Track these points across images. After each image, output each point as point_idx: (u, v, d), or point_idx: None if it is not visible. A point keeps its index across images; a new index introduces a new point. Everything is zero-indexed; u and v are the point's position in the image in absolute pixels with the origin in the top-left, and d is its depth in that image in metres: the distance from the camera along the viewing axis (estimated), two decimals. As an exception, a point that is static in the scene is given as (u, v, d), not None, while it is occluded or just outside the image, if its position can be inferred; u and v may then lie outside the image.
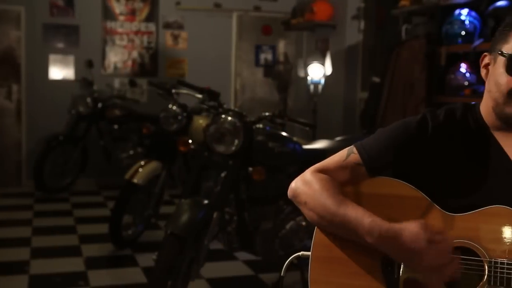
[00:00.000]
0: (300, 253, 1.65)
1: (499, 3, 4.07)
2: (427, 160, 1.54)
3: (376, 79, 5.32)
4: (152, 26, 7.39)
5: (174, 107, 4.71)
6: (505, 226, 1.43)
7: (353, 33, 6.50)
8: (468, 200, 1.48)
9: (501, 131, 1.53)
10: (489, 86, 1.52)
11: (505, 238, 1.42)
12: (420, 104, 4.69)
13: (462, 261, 1.44)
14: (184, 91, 4.81)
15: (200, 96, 4.24)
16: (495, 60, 1.50)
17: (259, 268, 4.31)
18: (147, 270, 4.19)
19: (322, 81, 6.53)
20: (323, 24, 6.80)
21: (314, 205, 1.56)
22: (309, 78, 6.58)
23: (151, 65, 7.42)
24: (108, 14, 7.23)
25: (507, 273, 1.38)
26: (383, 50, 5.81)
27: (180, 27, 7.46)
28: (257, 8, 7.65)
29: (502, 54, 1.47)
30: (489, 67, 1.53)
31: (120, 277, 4.19)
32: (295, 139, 3.92)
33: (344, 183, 1.58)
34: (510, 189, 1.50)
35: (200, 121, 4.81)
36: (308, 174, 1.61)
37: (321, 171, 1.61)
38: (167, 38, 7.44)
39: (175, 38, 7.46)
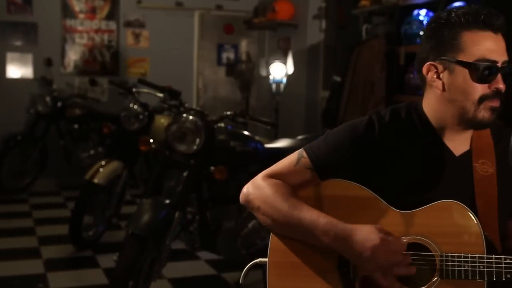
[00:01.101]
0: (257, 260, 1.66)
1: (456, 4, 4.15)
2: (376, 161, 1.58)
3: (337, 78, 5.37)
4: (112, 25, 7.30)
5: (135, 106, 4.67)
6: (454, 220, 1.48)
7: (314, 32, 6.54)
8: (418, 197, 1.53)
9: (445, 129, 1.57)
10: (451, 95, 1.52)
11: (454, 231, 1.47)
12: (380, 103, 4.76)
13: (414, 257, 1.47)
14: (145, 90, 4.77)
15: (161, 95, 4.21)
16: (450, 69, 1.50)
17: (222, 268, 4.31)
18: (108, 271, 4.15)
19: (284, 80, 6.56)
20: (285, 24, 6.82)
21: (267, 209, 1.57)
22: (271, 77, 6.60)
23: (112, 63, 7.34)
24: (67, 11, 7.12)
25: (458, 266, 1.43)
26: (344, 49, 5.86)
27: (142, 25, 7.39)
28: (219, 7, 7.64)
29: (462, 63, 1.47)
30: (442, 75, 1.52)
31: (80, 278, 4.13)
32: (257, 138, 3.93)
33: (295, 187, 1.60)
34: (456, 183, 1.56)
35: (162, 121, 4.78)
36: (259, 179, 1.63)
37: (272, 176, 1.62)
38: (128, 36, 7.36)
39: (136, 36, 7.39)
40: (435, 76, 1.53)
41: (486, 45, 1.47)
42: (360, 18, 5.59)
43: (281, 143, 4.04)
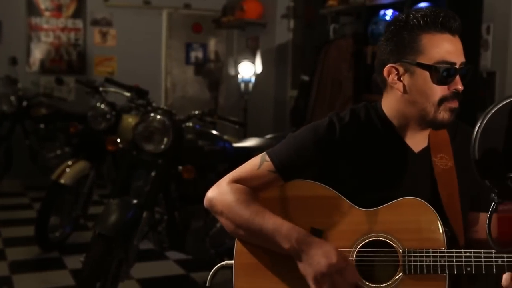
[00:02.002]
0: (224, 263, 1.68)
1: (421, 5, 4.21)
2: (338, 161, 1.60)
3: (305, 77, 5.41)
4: (79, 23, 7.21)
5: (103, 106, 4.63)
6: (416, 216, 1.51)
7: (283, 31, 6.57)
8: (380, 195, 1.55)
9: (405, 128, 1.61)
10: (412, 97, 1.55)
11: (416, 228, 1.50)
12: (348, 102, 4.80)
13: (378, 253, 1.49)
14: (112, 89, 4.73)
15: (128, 94, 4.18)
16: (410, 71, 1.53)
17: (190, 267, 4.29)
18: (75, 272, 4.10)
19: (253, 79, 6.57)
20: (253, 23, 6.83)
21: (230, 215, 1.58)
22: (239, 76, 6.60)
23: (79, 62, 7.25)
24: (32, 9, 7.01)
25: (420, 261, 1.46)
26: (312, 48, 5.91)
27: (109, 24, 7.32)
28: (187, 6, 7.61)
29: (422, 66, 1.50)
30: (403, 77, 1.55)
31: (46, 280, 4.07)
32: (225, 137, 3.94)
33: (259, 190, 1.62)
34: (417, 178, 1.60)
35: (130, 120, 4.75)
36: (223, 184, 1.63)
37: (236, 181, 1.63)
38: (95, 35, 7.29)
39: (104, 35, 7.31)
40: (396, 78, 1.56)
41: (444, 48, 1.50)
42: (327, 18, 5.64)
43: (250, 142, 4.05)
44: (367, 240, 1.52)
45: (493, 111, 1.34)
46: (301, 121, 5.25)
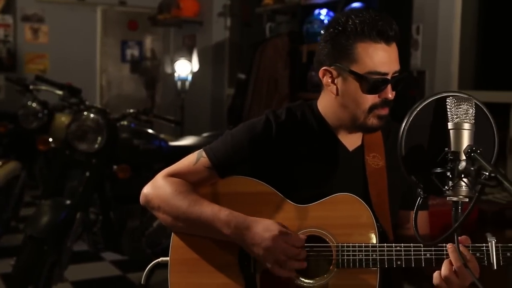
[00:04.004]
0: (159, 259, 1.67)
1: (354, 5, 4.30)
2: (275, 158, 1.62)
3: (242, 76, 5.42)
4: (9, 19, 6.98)
5: (34, 104, 4.49)
6: (349, 212, 1.55)
7: (219, 30, 6.57)
8: (315, 191, 1.58)
9: (339, 128, 1.65)
10: (344, 101, 1.58)
11: (349, 223, 1.55)
12: (284, 100, 4.85)
13: (312, 248, 1.52)
14: (44, 87, 4.60)
15: (60, 92, 4.08)
16: (344, 76, 1.55)
17: (127, 268, 4.24)
18: (6, 276, 3.97)
19: (190, 77, 6.54)
20: (189, 21, 6.81)
21: (168, 208, 1.58)
22: (176, 74, 6.56)
23: (9, 59, 7.02)
24: (-41, 4, 6.74)
25: (353, 255, 1.50)
26: (249, 47, 5.93)
27: (40, 20, 7.12)
28: (122, 3, 7.50)
29: (354, 74, 1.52)
30: (337, 81, 1.57)
31: (-24, 285, 3.93)
32: (162, 136, 3.90)
33: (195, 185, 1.62)
34: (350, 176, 1.64)
35: (63, 119, 4.63)
36: (159, 178, 1.64)
37: (172, 175, 1.63)
38: (26, 31, 7.07)
39: (35, 32, 7.11)
40: (330, 80, 1.59)
41: (378, 58, 1.51)
42: (264, 17, 5.68)
43: (186, 140, 4.03)
44: (302, 236, 1.54)
45: (418, 109, 1.38)
46: (238, 119, 5.26)
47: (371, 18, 1.51)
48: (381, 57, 1.51)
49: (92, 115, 3.31)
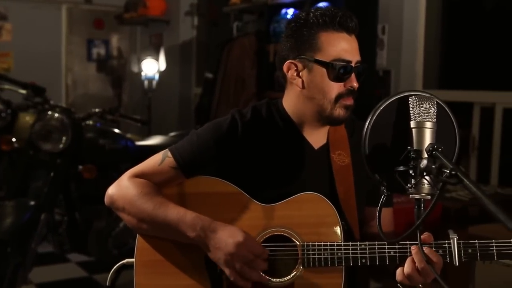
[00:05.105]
0: (125, 261, 1.65)
1: (320, 4, 4.32)
2: (241, 157, 1.62)
3: (209, 75, 5.41)
4: (-29, 16, 6.84)
5: (-4, 104, 4.41)
6: (314, 211, 1.56)
7: (186, 29, 6.54)
8: (281, 190, 1.59)
9: (305, 124, 1.65)
10: (310, 93, 1.59)
11: (314, 222, 1.55)
12: (251, 99, 4.86)
13: (278, 248, 1.52)
14: (7, 86, 4.51)
15: (24, 92, 4.00)
16: (309, 67, 1.57)
17: (93, 269, 4.20)
18: (-31, 279, 3.89)
19: (157, 76, 6.50)
20: (156, 19, 6.76)
21: (133, 210, 1.57)
22: (143, 73, 6.51)
23: (-29, 58, 6.88)
24: None
25: (318, 254, 1.50)
26: (216, 46, 5.92)
27: (3, 18, 6.98)
28: (88, 1, 7.40)
29: (319, 62, 1.55)
30: (302, 73, 1.59)
31: None
32: (128, 135, 3.88)
33: (160, 185, 1.61)
34: (316, 174, 1.64)
35: (27, 118, 4.54)
36: (124, 179, 1.62)
37: (137, 176, 1.62)
38: (-12, 29, 6.93)
39: (-2, 29, 6.97)
40: (295, 74, 1.60)
41: (341, 46, 1.55)
42: (231, 16, 5.67)
43: (153, 140, 4.00)
44: (268, 235, 1.54)
45: (381, 108, 1.39)
46: (205, 118, 5.25)
47: (331, 11, 1.57)
48: (344, 45, 1.55)
49: (56, 115, 3.28)
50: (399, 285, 1.46)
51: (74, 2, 7.34)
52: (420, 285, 1.44)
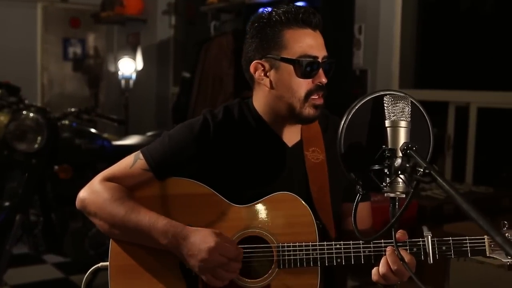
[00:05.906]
0: (99, 264, 1.63)
1: (298, 4, 4.34)
2: (214, 158, 1.61)
3: (187, 74, 5.40)
4: None
5: (-30, 103, 4.35)
6: (288, 211, 1.55)
7: (164, 28, 6.51)
8: (256, 190, 1.58)
9: (277, 123, 1.64)
10: (278, 92, 1.58)
11: (289, 222, 1.54)
12: (229, 99, 4.85)
13: (253, 249, 1.52)
14: (-20, 86, 4.46)
15: (-3, 91, 3.96)
16: (276, 66, 1.56)
17: (70, 270, 4.17)
18: None
19: (134, 76, 6.46)
20: (133, 18, 6.72)
21: (104, 215, 1.55)
22: (120, 73, 6.47)
23: None
24: None
25: (293, 255, 1.50)
26: (194, 45, 5.91)
27: (-23, 16, 6.88)
28: (64, 0, 7.33)
29: (286, 60, 1.54)
30: (269, 73, 1.58)
31: None
32: (105, 135, 3.85)
33: (133, 188, 1.59)
34: (291, 173, 1.63)
35: (1, 118, 4.48)
36: (96, 183, 1.60)
37: (109, 179, 1.60)
38: (-39, 27, 6.82)
39: (-29, 28, 6.87)
40: (263, 74, 1.59)
41: (306, 42, 1.54)
42: (208, 15, 5.66)
43: (130, 140, 3.99)
44: (243, 236, 1.54)
45: (357, 107, 1.40)
46: (183, 118, 5.23)
47: (293, 8, 1.56)
48: (309, 41, 1.55)
49: (31, 114, 3.25)
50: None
51: (50, 0, 7.26)
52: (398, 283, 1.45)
